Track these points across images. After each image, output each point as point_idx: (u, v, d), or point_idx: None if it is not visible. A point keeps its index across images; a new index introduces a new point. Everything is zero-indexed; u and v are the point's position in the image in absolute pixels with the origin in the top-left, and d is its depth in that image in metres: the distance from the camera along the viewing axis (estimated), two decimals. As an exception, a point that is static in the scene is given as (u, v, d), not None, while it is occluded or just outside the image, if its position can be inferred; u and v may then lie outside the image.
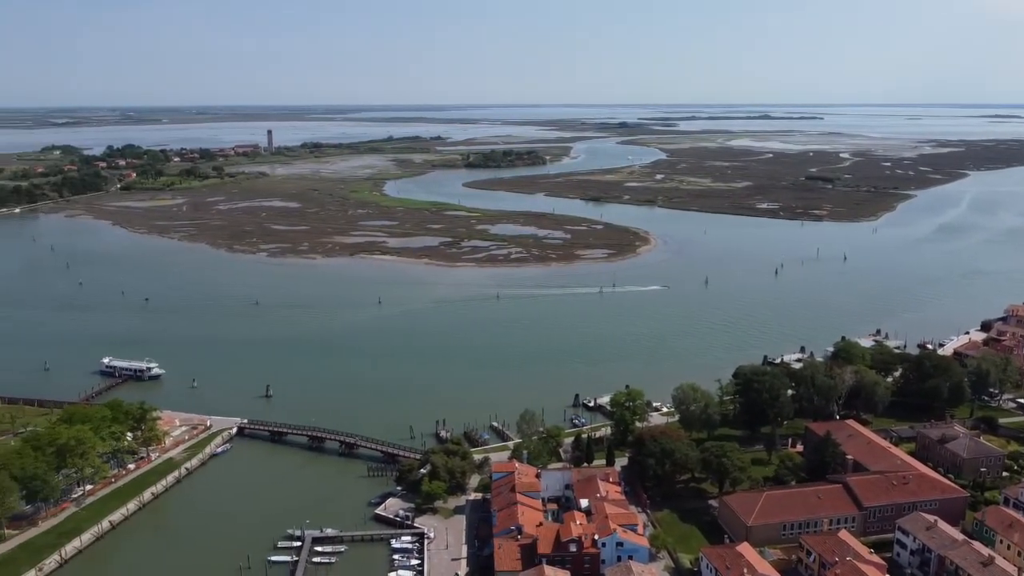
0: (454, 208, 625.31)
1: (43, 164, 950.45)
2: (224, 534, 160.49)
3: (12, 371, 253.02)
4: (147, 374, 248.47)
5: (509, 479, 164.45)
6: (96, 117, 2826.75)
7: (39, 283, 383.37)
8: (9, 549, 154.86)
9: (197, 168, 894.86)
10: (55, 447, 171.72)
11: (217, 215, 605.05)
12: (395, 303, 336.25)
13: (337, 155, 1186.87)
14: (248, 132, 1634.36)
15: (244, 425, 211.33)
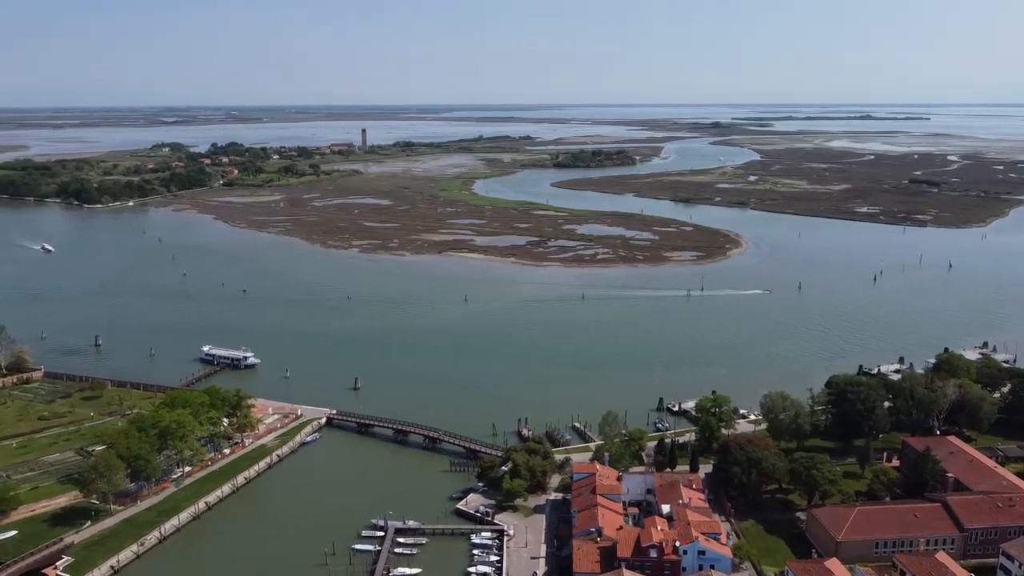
0: (542, 207, 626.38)
1: (153, 160, 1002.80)
2: (311, 520, 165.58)
3: (122, 356, 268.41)
4: (243, 363, 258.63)
5: (590, 480, 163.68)
6: (203, 116, 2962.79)
7: (148, 273, 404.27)
8: (115, 523, 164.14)
9: (294, 165, 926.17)
10: (158, 429, 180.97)
11: (312, 211, 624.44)
12: (481, 301, 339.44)
13: (428, 154, 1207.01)
14: (343, 131, 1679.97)
15: (333, 416, 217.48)
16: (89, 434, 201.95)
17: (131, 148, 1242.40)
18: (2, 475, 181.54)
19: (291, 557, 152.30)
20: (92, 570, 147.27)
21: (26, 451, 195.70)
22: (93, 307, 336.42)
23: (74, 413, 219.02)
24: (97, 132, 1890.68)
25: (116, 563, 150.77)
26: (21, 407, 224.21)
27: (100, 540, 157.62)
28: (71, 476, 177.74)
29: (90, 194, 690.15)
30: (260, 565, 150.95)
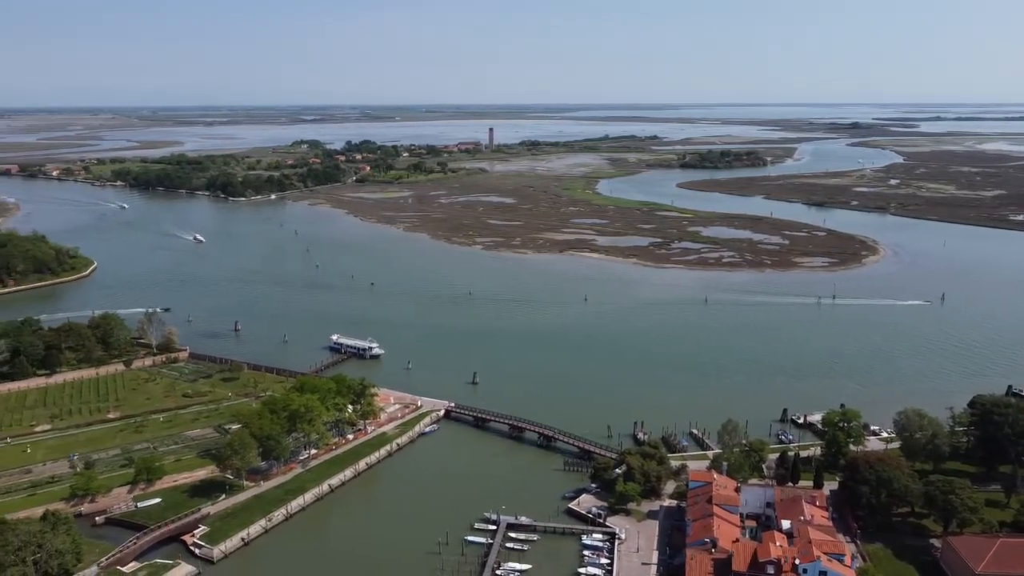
0: (666, 208, 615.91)
1: (293, 156, 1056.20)
2: (426, 509, 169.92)
3: (258, 341, 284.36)
4: (368, 353, 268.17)
5: (706, 489, 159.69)
6: (340, 115, 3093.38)
7: (284, 264, 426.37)
8: (246, 498, 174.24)
9: (423, 163, 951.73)
10: (288, 412, 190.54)
11: (438, 208, 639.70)
12: (601, 301, 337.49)
13: (553, 153, 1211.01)
14: (471, 130, 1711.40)
15: (451, 408, 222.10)
16: (227, 413, 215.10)
17: (273, 145, 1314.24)
18: (150, 446, 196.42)
19: (406, 543, 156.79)
20: (224, 540, 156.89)
21: (171, 425, 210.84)
22: (234, 294, 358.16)
23: (214, 393, 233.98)
24: (243, 129, 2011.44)
25: (246, 535, 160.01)
26: (168, 384, 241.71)
27: (233, 513, 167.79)
28: (209, 451, 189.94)
29: (235, 188, 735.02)
30: (377, 548, 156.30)
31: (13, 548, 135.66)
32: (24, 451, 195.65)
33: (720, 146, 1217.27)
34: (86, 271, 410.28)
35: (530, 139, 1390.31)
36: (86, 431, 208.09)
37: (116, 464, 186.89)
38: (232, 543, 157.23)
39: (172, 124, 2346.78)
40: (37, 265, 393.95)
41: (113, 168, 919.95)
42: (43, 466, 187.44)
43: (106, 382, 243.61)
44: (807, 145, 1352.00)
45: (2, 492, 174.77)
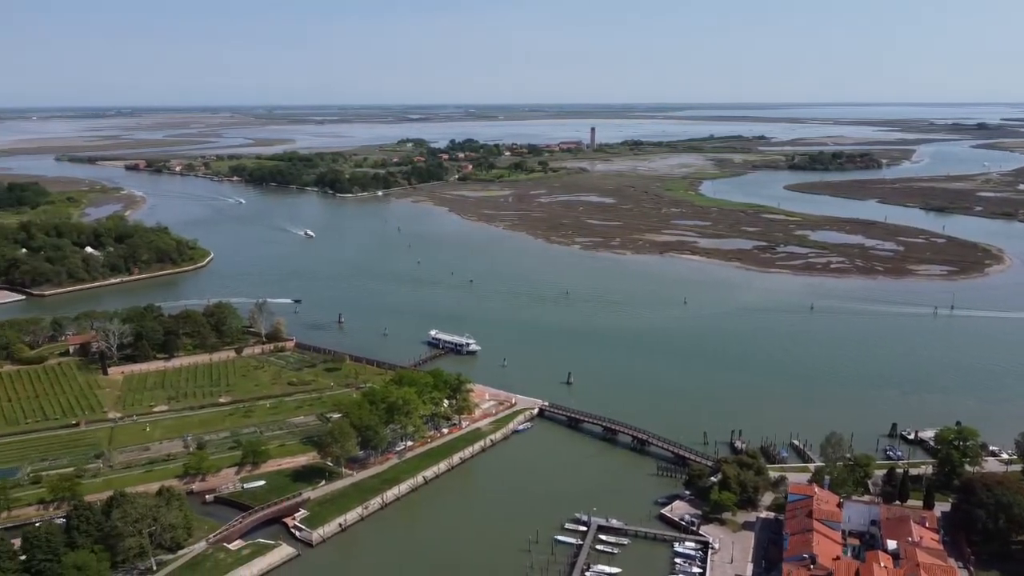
0: (772, 211, 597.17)
1: (398, 154, 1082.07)
2: (518, 506, 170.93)
3: (360, 334, 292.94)
4: (465, 349, 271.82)
5: (806, 503, 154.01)
6: (444, 114, 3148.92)
7: (387, 259, 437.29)
8: (344, 486, 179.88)
9: (524, 162, 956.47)
10: (386, 404, 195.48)
11: (538, 207, 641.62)
12: (700, 305, 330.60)
13: (656, 153, 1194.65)
14: (573, 129, 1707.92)
15: (545, 407, 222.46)
16: (328, 402, 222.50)
17: (379, 143, 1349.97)
18: (257, 431, 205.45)
19: (497, 539, 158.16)
20: (323, 525, 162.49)
21: (277, 412, 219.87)
22: (339, 287, 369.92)
23: (317, 382, 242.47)
24: (352, 128, 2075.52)
25: (343, 521, 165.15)
26: (275, 372, 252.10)
27: (331, 499, 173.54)
28: (311, 438, 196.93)
29: (342, 184, 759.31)
30: (468, 542, 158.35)
31: (131, 520, 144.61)
32: (143, 430, 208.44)
33: (831, 147, 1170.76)
34: (203, 262, 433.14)
35: (632, 139, 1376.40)
36: (199, 413, 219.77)
37: (225, 446, 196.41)
38: (330, 528, 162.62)
39: (286, 122, 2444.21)
40: (160, 255, 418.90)
41: (230, 164, 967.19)
42: (160, 444, 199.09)
43: (218, 368, 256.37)
44: (927, 147, 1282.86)
45: (123, 467, 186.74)
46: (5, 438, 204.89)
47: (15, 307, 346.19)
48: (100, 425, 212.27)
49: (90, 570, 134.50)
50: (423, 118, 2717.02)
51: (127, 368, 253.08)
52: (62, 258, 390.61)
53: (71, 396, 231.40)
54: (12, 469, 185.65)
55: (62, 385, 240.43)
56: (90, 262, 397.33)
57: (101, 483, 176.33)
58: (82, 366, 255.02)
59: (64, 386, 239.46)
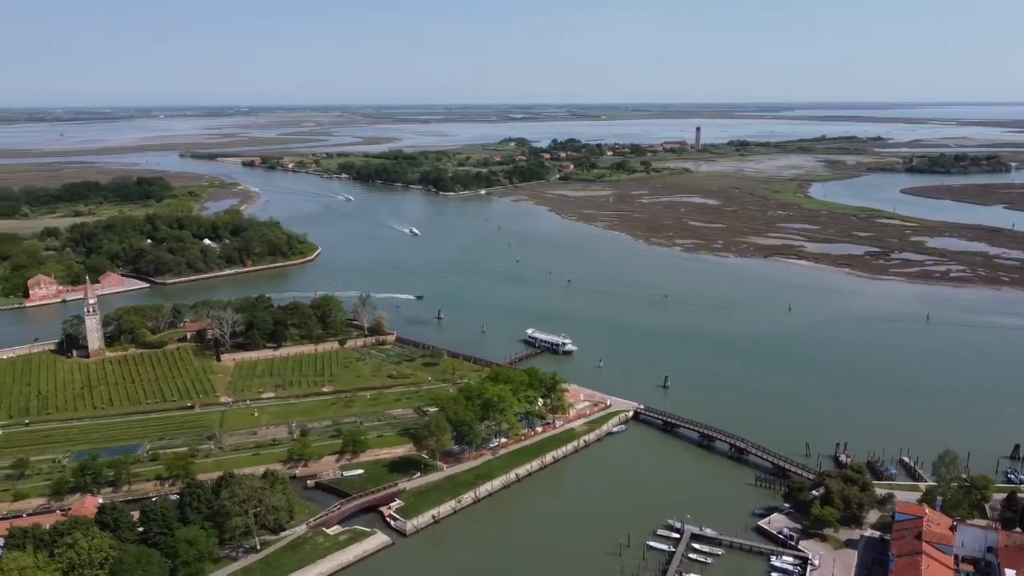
0: (886, 215, 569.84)
1: (500, 154, 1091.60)
2: (610, 509, 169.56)
3: (459, 330, 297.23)
4: (561, 348, 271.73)
5: (915, 524, 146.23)
6: (547, 113, 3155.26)
7: (486, 257, 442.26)
8: (438, 479, 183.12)
9: (626, 162, 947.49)
10: (482, 400, 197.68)
11: (639, 207, 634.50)
12: (805, 311, 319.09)
13: (763, 154, 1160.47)
14: (677, 129, 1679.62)
15: (640, 410, 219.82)
16: (426, 396, 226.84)
17: (482, 142, 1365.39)
18: (357, 421, 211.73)
19: (587, 541, 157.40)
20: (417, 516, 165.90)
21: (376, 403, 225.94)
22: (439, 284, 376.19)
23: (416, 376, 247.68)
24: (456, 127, 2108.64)
25: (437, 514, 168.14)
26: (376, 365, 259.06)
27: (425, 491, 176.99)
28: (408, 431, 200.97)
29: (445, 183, 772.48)
30: (558, 541, 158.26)
31: (239, 500, 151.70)
32: (252, 415, 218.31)
33: (954, 148, 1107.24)
34: (311, 256, 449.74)
35: (738, 139, 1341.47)
36: (303, 401, 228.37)
37: (327, 434, 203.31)
38: (423, 519, 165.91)
39: (392, 121, 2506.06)
40: (271, 248, 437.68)
41: (339, 162, 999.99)
42: (266, 429, 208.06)
43: (322, 358, 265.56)
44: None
45: (232, 449, 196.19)
46: (129, 416, 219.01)
47: (140, 294, 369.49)
48: (213, 408, 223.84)
49: (200, 545, 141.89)
50: (526, 118, 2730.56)
51: (238, 355, 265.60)
52: (183, 249, 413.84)
53: (187, 380, 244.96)
54: (134, 446, 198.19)
55: (179, 369, 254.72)
56: (208, 253, 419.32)
57: (212, 463, 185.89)
58: (198, 352, 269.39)
59: (181, 370, 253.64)
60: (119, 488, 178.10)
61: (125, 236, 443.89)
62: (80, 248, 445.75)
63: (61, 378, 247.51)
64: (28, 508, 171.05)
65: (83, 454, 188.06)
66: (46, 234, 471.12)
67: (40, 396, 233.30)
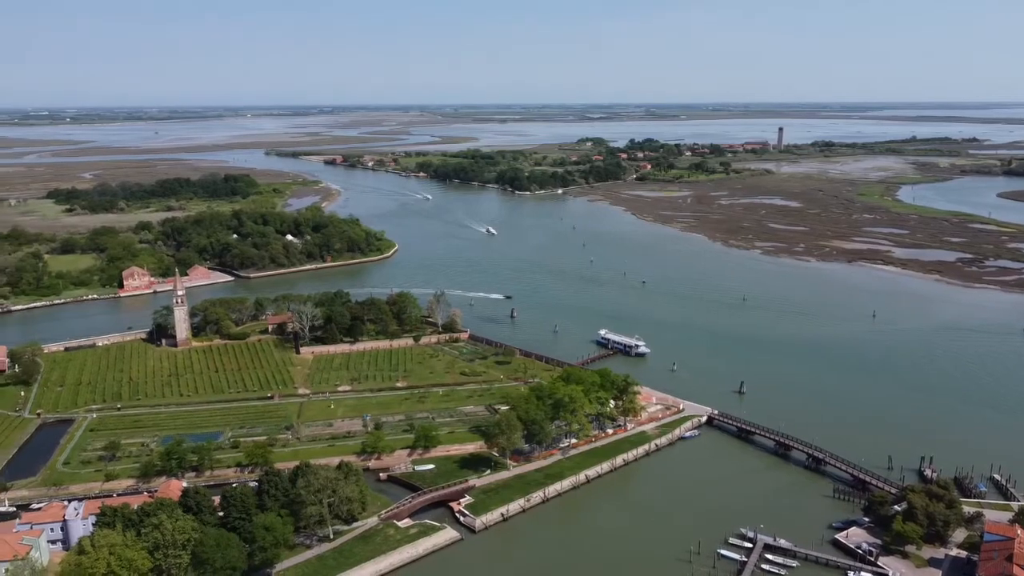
0: (981, 220, 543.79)
1: (576, 153, 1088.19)
2: (680, 514, 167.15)
3: (532, 329, 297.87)
4: (634, 350, 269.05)
5: (1007, 545, 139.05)
6: (625, 113, 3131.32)
7: (560, 257, 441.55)
8: (508, 477, 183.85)
9: (705, 163, 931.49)
10: (553, 400, 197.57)
11: (717, 209, 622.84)
12: (891, 319, 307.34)
13: (849, 155, 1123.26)
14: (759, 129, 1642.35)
15: (714, 416, 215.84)
16: (497, 394, 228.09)
17: (559, 141, 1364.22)
18: (430, 416, 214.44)
19: (656, 545, 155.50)
20: (486, 513, 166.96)
21: (448, 400, 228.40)
22: (513, 282, 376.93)
23: (488, 374, 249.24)
24: (534, 127, 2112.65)
25: (506, 511, 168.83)
26: (449, 362, 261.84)
27: (495, 488, 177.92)
28: (479, 428, 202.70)
29: (521, 182, 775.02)
30: (627, 544, 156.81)
31: (314, 489, 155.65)
32: (328, 407, 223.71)
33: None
34: (389, 253, 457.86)
35: (823, 139, 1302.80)
36: (378, 396, 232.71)
37: (400, 428, 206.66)
38: (492, 516, 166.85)
39: (470, 121, 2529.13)
40: (350, 245, 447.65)
41: (417, 160, 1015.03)
42: (342, 422, 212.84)
43: (397, 354, 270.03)
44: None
45: (309, 440, 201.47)
46: (212, 405, 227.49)
47: (226, 287, 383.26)
48: (291, 399, 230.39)
49: (276, 531, 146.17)
50: (604, 117, 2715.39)
51: (316, 349, 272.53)
52: (266, 244, 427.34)
53: (268, 371, 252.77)
54: (216, 433, 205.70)
55: (261, 360, 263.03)
56: (290, 249, 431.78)
57: (289, 453, 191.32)
58: (278, 344, 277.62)
59: (262, 361, 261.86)
60: (202, 473, 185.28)
61: (212, 231, 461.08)
62: (171, 242, 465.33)
63: (151, 366, 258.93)
64: (118, 488, 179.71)
65: (169, 439, 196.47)
66: (140, 228, 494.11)
67: (131, 382, 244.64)
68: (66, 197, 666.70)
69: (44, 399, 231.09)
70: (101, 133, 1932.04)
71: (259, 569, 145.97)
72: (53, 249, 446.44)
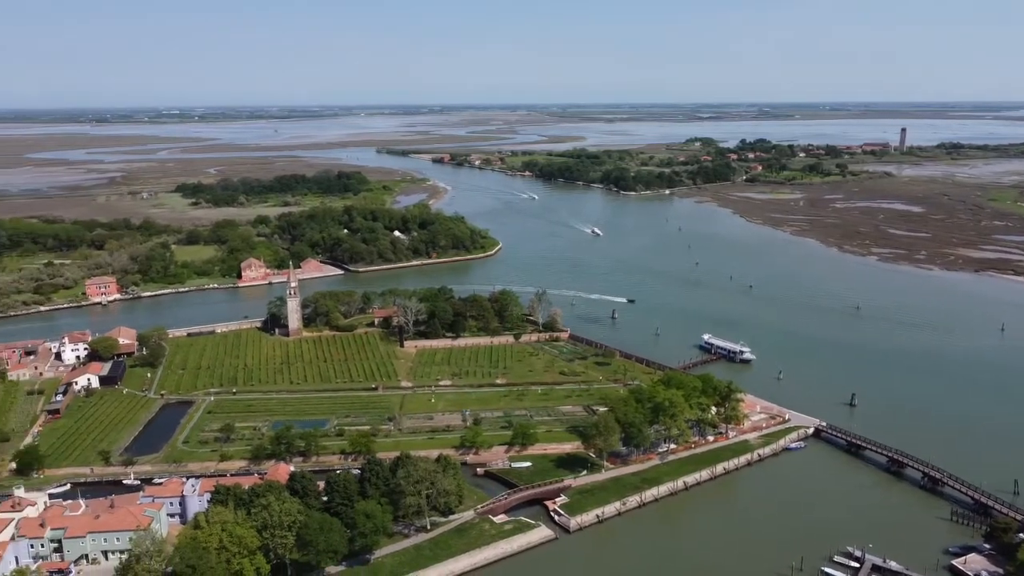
0: None
1: (684, 153, 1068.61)
2: (783, 528, 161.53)
3: (633, 331, 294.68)
4: (739, 357, 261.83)
5: None
6: (736, 112, 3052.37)
7: (664, 258, 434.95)
8: (604, 478, 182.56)
9: (820, 164, 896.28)
10: (652, 404, 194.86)
11: (832, 212, 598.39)
12: (1023, 334, 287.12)
13: (979, 157, 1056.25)
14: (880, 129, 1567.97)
15: (822, 428, 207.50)
16: (596, 395, 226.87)
17: (667, 141, 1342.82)
18: (528, 414, 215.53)
19: (756, 559, 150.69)
20: (581, 513, 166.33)
21: (546, 399, 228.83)
22: (615, 283, 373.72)
23: (587, 374, 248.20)
24: (641, 126, 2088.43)
25: (601, 513, 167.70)
26: (548, 360, 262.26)
27: (591, 490, 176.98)
28: (577, 428, 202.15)
29: (626, 182, 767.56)
30: (725, 556, 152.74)
31: (413, 480, 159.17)
32: (429, 400, 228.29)
33: None
34: (493, 251, 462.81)
35: (950, 141, 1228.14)
36: (477, 391, 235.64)
37: (498, 424, 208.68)
38: (587, 517, 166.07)
39: (577, 120, 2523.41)
40: (455, 242, 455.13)
41: (523, 159, 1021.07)
42: (441, 415, 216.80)
43: (497, 351, 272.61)
44: None
45: (410, 432, 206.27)
46: (320, 393, 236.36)
47: (335, 280, 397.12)
48: (394, 392, 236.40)
49: (376, 519, 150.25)
50: (714, 117, 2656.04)
51: (420, 343, 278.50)
52: (375, 240, 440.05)
53: (373, 363, 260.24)
54: (323, 420, 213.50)
55: (366, 352, 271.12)
56: (397, 245, 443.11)
57: (390, 443, 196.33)
58: (383, 337, 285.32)
59: (368, 353, 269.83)
60: (308, 458, 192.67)
61: (325, 226, 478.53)
62: (286, 235, 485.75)
63: (264, 353, 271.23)
64: (231, 469, 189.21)
65: (279, 424, 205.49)
66: (258, 221, 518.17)
67: (246, 368, 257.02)
68: (192, 191, 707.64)
69: (167, 381, 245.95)
70: (225, 131, 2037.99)
71: (359, 554, 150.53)
72: (179, 240, 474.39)
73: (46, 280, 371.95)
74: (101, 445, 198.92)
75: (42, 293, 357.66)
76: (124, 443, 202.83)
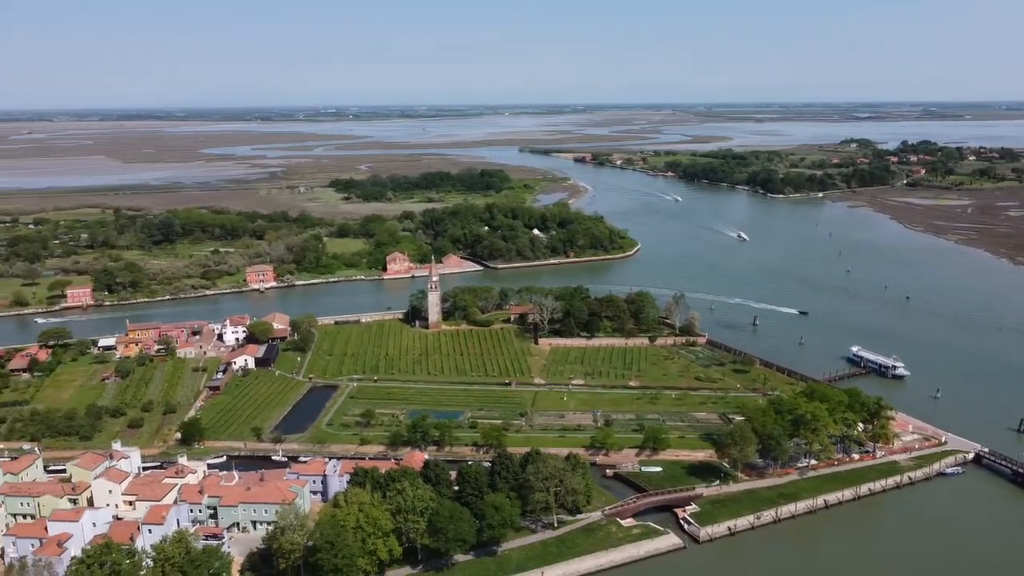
0: None
1: (839, 155, 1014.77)
2: (932, 559, 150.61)
3: (774, 339, 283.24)
4: (891, 372, 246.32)
5: None
6: (897, 112, 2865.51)
7: (813, 265, 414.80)
8: (738, 490, 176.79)
9: (993, 168, 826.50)
10: (793, 416, 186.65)
11: (1005, 221, 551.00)
12: None
13: None
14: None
15: (983, 453, 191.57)
16: (732, 403, 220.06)
17: (820, 142, 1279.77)
18: (660, 419, 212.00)
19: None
20: (712, 524, 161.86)
21: (680, 404, 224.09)
22: (757, 289, 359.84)
23: (723, 381, 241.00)
24: (792, 126, 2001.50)
25: (733, 526, 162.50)
26: (684, 365, 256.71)
27: (722, 500, 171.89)
28: (711, 436, 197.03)
29: (774, 184, 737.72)
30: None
31: (542, 476, 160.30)
32: (561, 399, 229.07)
33: None
34: (631, 251, 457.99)
35: None
36: (610, 392, 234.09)
37: (629, 427, 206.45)
38: (718, 529, 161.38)
39: (724, 120, 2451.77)
40: (593, 242, 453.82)
41: (666, 160, 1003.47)
42: (573, 414, 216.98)
43: (631, 352, 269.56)
44: None
45: (541, 428, 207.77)
46: (455, 385, 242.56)
47: (474, 276, 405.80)
48: (527, 388, 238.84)
49: (505, 512, 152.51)
50: (872, 117, 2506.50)
51: (554, 341, 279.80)
52: (514, 237, 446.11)
53: (507, 358, 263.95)
54: (457, 412, 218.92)
55: (501, 348, 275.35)
56: (535, 243, 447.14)
57: (521, 439, 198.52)
58: (518, 334, 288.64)
59: (503, 349, 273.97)
60: (442, 448, 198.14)
61: (466, 222, 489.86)
62: (429, 231, 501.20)
63: (405, 344, 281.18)
64: (370, 453, 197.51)
65: (416, 413, 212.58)
66: (403, 217, 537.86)
67: (387, 358, 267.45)
68: (344, 186, 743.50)
69: (315, 365, 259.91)
70: (377, 129, 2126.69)
71: (486, 545, 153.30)
72: (331, 233, 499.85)
73: (212, 266, 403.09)
74: (254, 422, 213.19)
75: (208, 278, 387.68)
76: (275, 421, 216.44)
